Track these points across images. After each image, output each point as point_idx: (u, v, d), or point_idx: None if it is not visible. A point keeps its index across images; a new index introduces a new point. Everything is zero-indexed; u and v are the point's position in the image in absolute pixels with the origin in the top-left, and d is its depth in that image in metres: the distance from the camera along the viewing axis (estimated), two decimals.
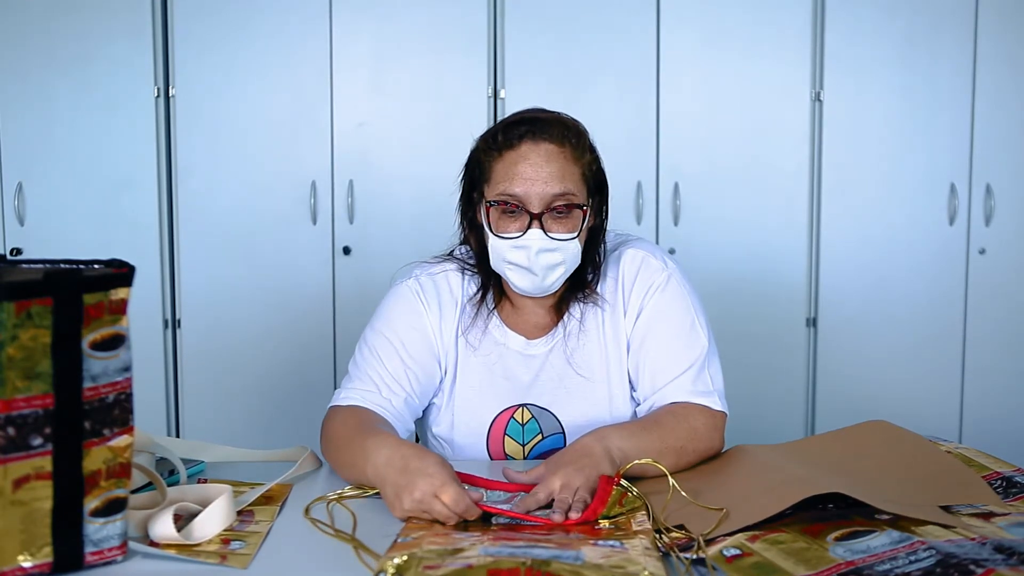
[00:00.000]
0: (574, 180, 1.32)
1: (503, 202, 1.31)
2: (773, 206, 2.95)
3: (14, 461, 0.87)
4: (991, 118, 2.93)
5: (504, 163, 1.33)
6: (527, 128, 1.33)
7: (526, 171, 1.30)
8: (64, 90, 2.75)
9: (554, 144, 1.32)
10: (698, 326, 1.39)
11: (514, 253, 1.32)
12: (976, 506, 1.09)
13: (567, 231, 1.32)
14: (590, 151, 1.37)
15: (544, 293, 1.36)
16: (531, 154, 1.31)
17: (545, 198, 1.30)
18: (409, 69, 2.87)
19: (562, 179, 1.31)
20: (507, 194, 1.31)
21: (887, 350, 2.99)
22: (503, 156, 1.33)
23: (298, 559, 0.99)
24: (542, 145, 1.32)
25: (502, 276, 1.37)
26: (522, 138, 1.32)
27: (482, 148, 1.37)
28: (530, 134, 1.32)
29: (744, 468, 1.23)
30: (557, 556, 0.87)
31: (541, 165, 1.30)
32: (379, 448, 1.15)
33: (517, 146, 1.32)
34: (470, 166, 1.40)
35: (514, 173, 1.31)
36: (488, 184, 1.35)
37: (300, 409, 2.72)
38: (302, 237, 2.86)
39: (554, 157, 1.31)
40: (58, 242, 2.75)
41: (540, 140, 1.32)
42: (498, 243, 1.33)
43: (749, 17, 2.90)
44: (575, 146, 1.34)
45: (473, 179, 1.39)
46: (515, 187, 1.30)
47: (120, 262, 0.93)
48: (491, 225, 1.33)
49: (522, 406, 1.41)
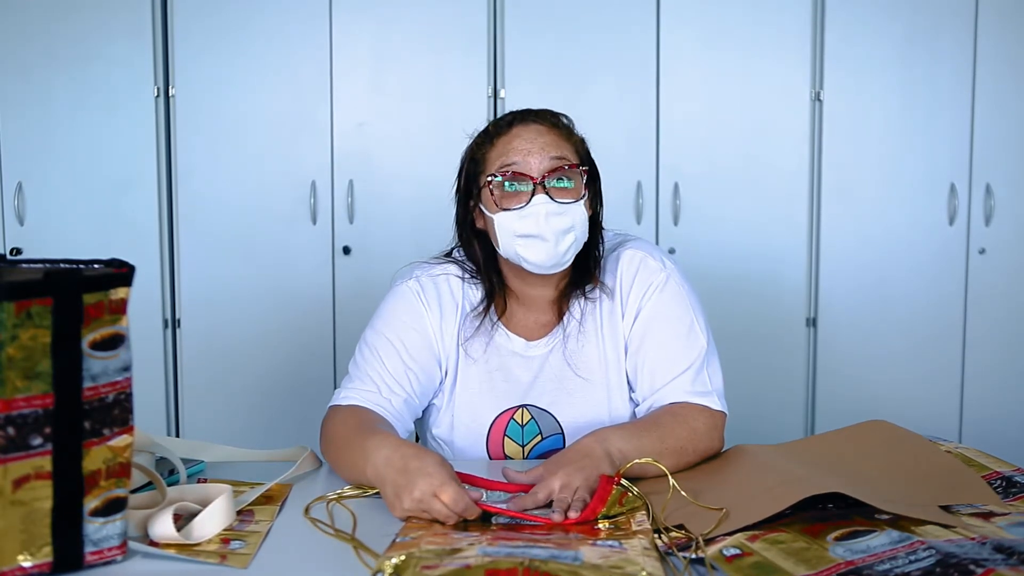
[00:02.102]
0: (568, 150, 1.36)
1: (504, 172, 1.33)
2: (773, 206, 2.95)
3: (14, 461, 0.87)
4: (991, 118, 2.93)
5: (498, 147, 1.36)
6: (515, 115, 1.39)
7: (521, 144, 1.34)
8: (64, 90, 2.75)
9: (544, 124, 1.37)
10: (697, 326, 1.39)
11: (523, 223, 1.32)
12: (976, 506, 1.09)
13: (571, 196, 1.33)
14: (579, 135, 1.41)
15: (558, 266, 1.36)
16: (524, 132, 1.36)
17: (544, 163, 1.33)
18: (409, 69, 2.87)
19: (557, 147, 1.35)
20: (506, 165, 1.33)
21: (887, 350, 2.99)
22: (495, 143, 1.37)
23: (298, 559, 0.99)
24: (532, 125, 1.37)
25: (512, 258, 1.36)
26: (511, 123, 1.37)
27: (474, 145, 1.41)
28: (519, 118, 1.38)
29: (744, 468, 1.23)
30: (555, 556, 0.87)
31: (534, 138, 1.34)
32: (378, 448, 1.15)
33: (508, 130, 1.37)
34: (463, 167, 1.42)
35: (509, 149, 1.35)
36: (484, 172, 1.37)
37: (300, 409, 2.71)
38: (302, 237, 2.86)
39: (545, 132, 1.36)
40: (58, 242, 2.75)
41: (530, 122, 1.37)
42: (505, 219, 1.33)
43: (749, 17, 2.90)
44: (564, 127, 1.39)
45: (468, 177, 1.40)
46: (513, 157, 1.33)
47: (120, 262, 0.93)
48: (495, 203, 1.34)
49: (522, 407, 1.41)
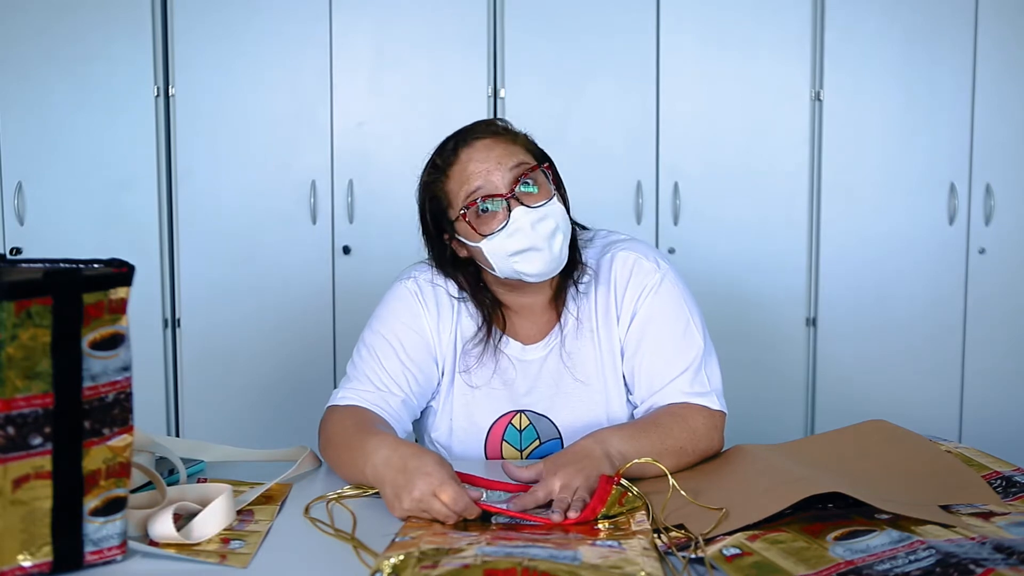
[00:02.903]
0: (521, 153, 1.34)
1: (473, 201, 1.31)
2: (773, 206, 2.95)
3: (14, 460, 0.87)
4: (991, 118, 2.93)
5: (453, 178, 1.34)
6: (455, 140, 1.36)
7: (476, 167, 1.32)
8: (64, 90, 2.75)
9: (487, 138, 1.34)
10: (693, 326, 1.38)
11: (513, 241, 1.31)
12: (976, 505, 1.09)
13: (543, 197, 1.32)
14: (522, 133, 1.39)
15: (557, 268, 1.35)
16: (473, 154, 1.33)
17: (506, 176, 1.31)
18: (409, 69, 2.86)
19: (510, 155, 1.33)
20: (472, 192, 1.31)
21: (887, 350, 2.99)
22: (449, 174, 1.35)
23: (298, 559, 0.99)
24: (475, 143, 1.34)
25: (510, 276, 1.35)
26: (456, 149, 1.35)
27: (428, 182, 1.38)
28: (461, 142, 1.35)
29: (744, 468, 1.23)
30: (554, 556, 0.87)
31: (486, 155, 1.32)
32: (378, 448, 1.15)
33: (456, 157, 1.34)
34: (424, 207, 1.40)
35: (467, 175, 1.32)
36: (451, 206, 1.35)
37: (300, 409, 2.71)
38: (302, 237, 2.86)
39: (492, 144, 1.34)
40: (58, 242, 2.74)
41: (471, 140, 1.34)
42: (493, 244, 1.32)
43: (749, 17, 2.90)
44: (505, 131, 1.37)
45: (435, 217, 1.38)
46: (475, 182, 1.31)
47: (120, 261, 0.93)
48: (476, 232, 1.32)
49: (519, 412, 1.41)
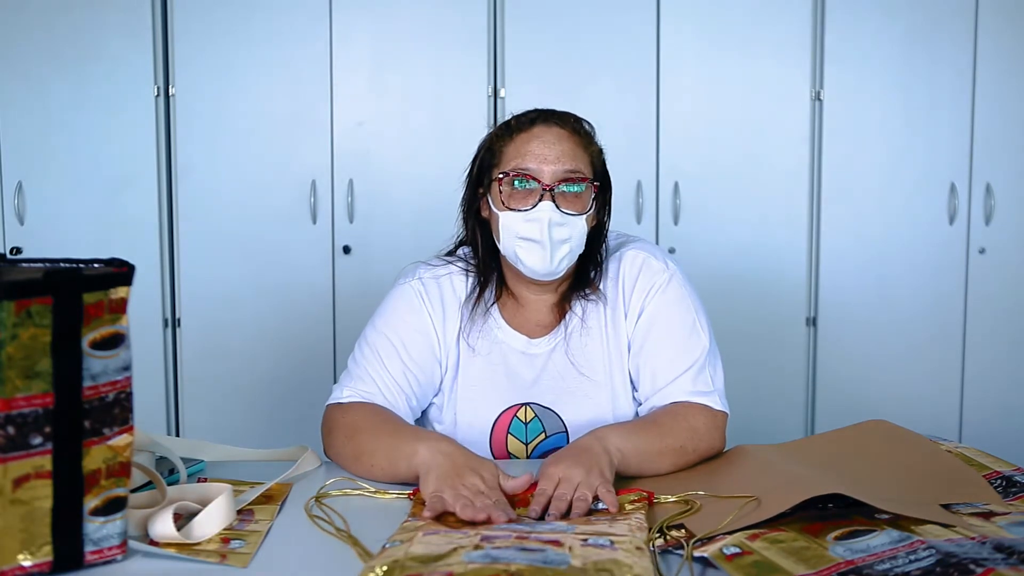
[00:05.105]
0: (584, 162, 1.36)
1: (516, 173, 1.33)
2: (773, 205, 2.95)
3: (14, 460, 0.87)
4: (991, 118, 2.93)
5: (516, 143, 1.36)
6: (539, 114, 1.38)
7: (538, 148, 1.34)
8: (64, 90, 2.75)
9: (565, 129, 1.36)
10: (699, 326, 1.39)
11: (527, 227, 1.33)
12: (976, 505, 1.09)
13: (577, 209, 1.34)
14: (597, 146, 1.41)
15: (551, 275, 1.37)
16: (544, 134, 1.35)
17: (557, 173, 1.33)
18: (409, 68, 2.87)
19: (573, 158, 1.34)
20: (520, 168, 1.33)
21: (887, 349, 2.99)
22: (515, 138, 1.37)
23: (298, 558, 0.99)
24: (554, 128, 1.36)
25: (510, 258, 1.37)
26: (534, 122, 1.37)
27: (494, 135, 1.41)
28: (542, 118, 1.37)
29: (745, 469, 1.23)
30: (543, 561, 0.87)
31: (553, 144, 1.34)
32: (439, 440, 1.22)
33: (529, 128, 1.36)
34: (479, 155, 1.42)
35: (526, 151, 1.34)
36: (498, 166, 1.37)
37: (300, 408, 2.71)
38: (302, 236, 2.86)
39: (565, 139, 1.35)
40: (58, 241, 2.74)
41: (552, 124, 1.36)
42: (509, 218, 1.34)
43: (749, 17, 2.90)
44: (585, 134, 1.38)
45: (482, 166, 1.40)
46: (527, 162, 1.33)
47: (120, 261, 0.93)
48: (502, 201, 1.34)
49: (525, 405, 1.41)
